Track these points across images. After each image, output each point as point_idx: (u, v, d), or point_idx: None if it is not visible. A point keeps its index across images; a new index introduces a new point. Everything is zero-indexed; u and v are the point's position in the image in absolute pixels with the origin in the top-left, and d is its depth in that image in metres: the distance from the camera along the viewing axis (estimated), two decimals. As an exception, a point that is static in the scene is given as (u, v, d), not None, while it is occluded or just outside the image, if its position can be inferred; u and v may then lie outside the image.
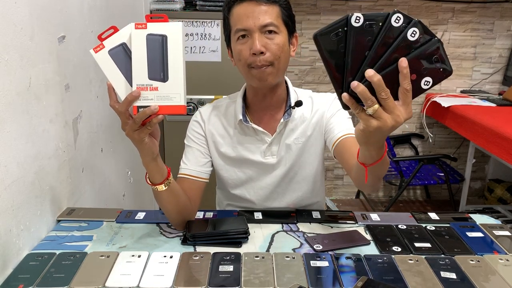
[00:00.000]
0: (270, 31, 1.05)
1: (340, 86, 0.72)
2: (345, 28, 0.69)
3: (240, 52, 1.07)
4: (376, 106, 0.69)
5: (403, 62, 0.68)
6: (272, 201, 1.23)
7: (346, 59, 0.70)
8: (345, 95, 0.71)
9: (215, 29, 2.24)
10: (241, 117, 1.16)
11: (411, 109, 0.71)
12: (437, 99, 2.85)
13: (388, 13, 0.68)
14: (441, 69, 0.70)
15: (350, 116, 1.17)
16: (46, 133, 1.08)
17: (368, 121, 0.71)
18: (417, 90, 0.71)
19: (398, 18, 0.68)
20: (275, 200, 1.23)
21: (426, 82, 0.71)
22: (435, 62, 0.70)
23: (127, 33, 0.87)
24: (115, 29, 0.87)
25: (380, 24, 0.69)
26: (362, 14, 0.69)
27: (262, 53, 1.04)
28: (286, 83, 1.20)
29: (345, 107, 0.73)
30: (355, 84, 0.69)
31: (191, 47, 2.26)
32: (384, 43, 0.69)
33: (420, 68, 0.70)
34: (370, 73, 0.68)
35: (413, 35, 0.69)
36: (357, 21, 0.69)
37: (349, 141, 1.08)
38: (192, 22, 2.23)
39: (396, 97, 0.71)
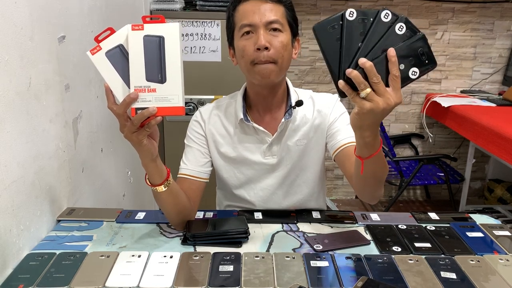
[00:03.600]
0: (275, 29, 1.06)
1: (337, 74, 0.78)
2: (341, 22, 0.77)
3: (244, 48, 1.06)
4: (369, 89, 0.76)
5: (392, 51, 0.76)
6: (273, 203, 1.23)
7: (342, 49, 0.77)
8: (341, 82, 0.77)
9: (215, 29, 2.24)
10: (242, 116, 1.16)
11: (400, 95, 0.77)
12: (437, 99, 2.85)
13: (378, 10, 0.77)
14: (426, 61, 0.78)
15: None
16: (46, 133, 1.08)
17: (361, 103, 0.77)
18: (405, 79, 0.78)
19: (387, 14, 0.77)
20: (275, 202, 1.23)
21: (413, 72, 0.78)
22: (420, 54, 0.77)
23: (124, 34, 0.86)
24: (112, 31, 0.87)
25: (371, 19, 0.77)
26: (356, 10, 0.77)
27: (266, 48, 1.04)
28: (286, 83, 1.20)
29: (342, 94, 0.79)
30: (349, 70, 0.76)
31: (191, 47, 2.25)
32: (375, 35, 0.77)
33: (407, 59, 0.77)
34: (362, 60, 0.75)
35: (400, 29, 0.77)
36: (351, 15, 0.76)
37: (351, 150, 1.08)
38: (192, 22, 2.23)
39: (387, 85, 0.77)
